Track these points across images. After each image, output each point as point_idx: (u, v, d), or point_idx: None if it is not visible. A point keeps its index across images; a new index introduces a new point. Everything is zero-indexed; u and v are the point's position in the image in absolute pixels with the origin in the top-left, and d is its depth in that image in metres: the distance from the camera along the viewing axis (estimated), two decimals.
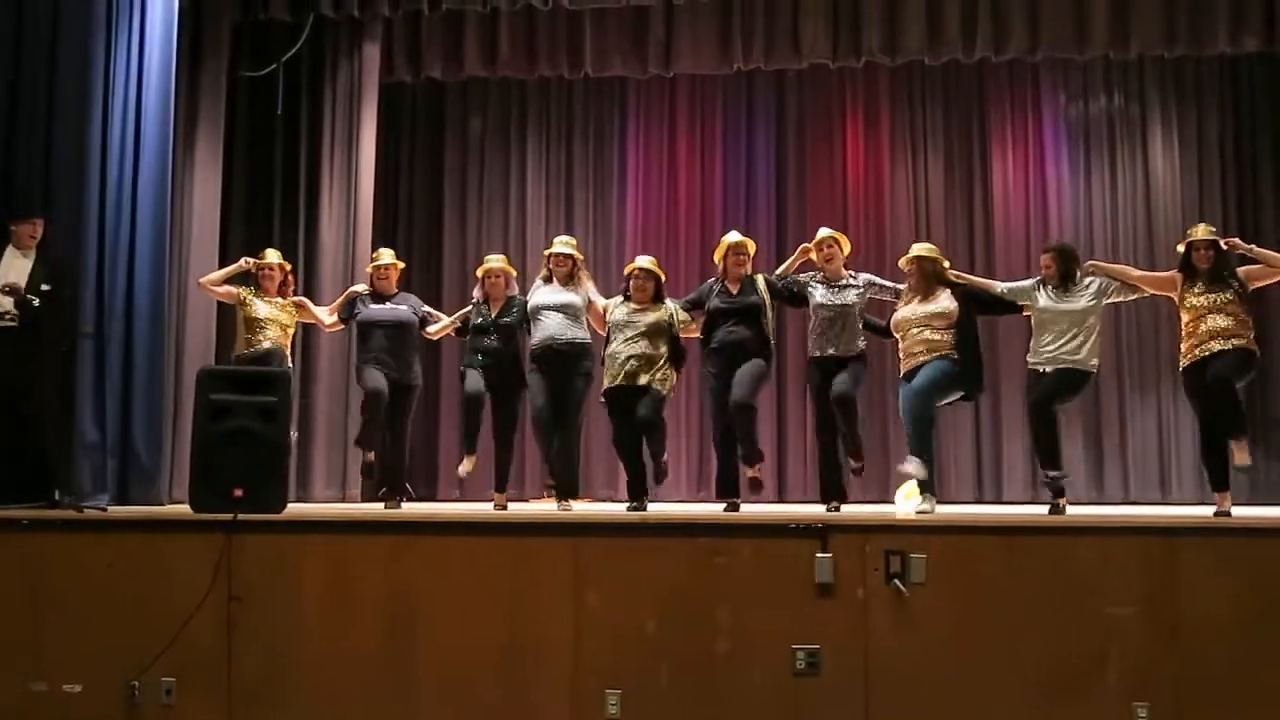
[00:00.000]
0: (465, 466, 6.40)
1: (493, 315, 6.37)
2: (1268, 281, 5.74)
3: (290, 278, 6.79)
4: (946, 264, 6.02)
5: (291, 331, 6.74)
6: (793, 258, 6.27)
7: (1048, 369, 5.71)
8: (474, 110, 9.76)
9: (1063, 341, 5.67)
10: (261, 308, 6.56)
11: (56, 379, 5.89)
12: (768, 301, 5.97)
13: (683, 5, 8.50)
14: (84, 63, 6.33)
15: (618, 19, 8.84)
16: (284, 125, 8.65)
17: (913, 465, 5.64)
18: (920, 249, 6.01)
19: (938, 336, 5.75)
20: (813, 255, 6.13)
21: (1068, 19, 8.48)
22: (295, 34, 8.47)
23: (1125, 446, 8.83)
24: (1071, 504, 5.81)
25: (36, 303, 5.63)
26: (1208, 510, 5.64)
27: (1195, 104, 9.12)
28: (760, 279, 6.06)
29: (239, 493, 4.89)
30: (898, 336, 5.93)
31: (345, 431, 8.07)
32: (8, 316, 5.61)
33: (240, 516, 4.78)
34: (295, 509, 5.48)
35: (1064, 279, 5.78)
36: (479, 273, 6.55)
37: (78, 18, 6.31)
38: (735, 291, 5.99)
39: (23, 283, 5.66)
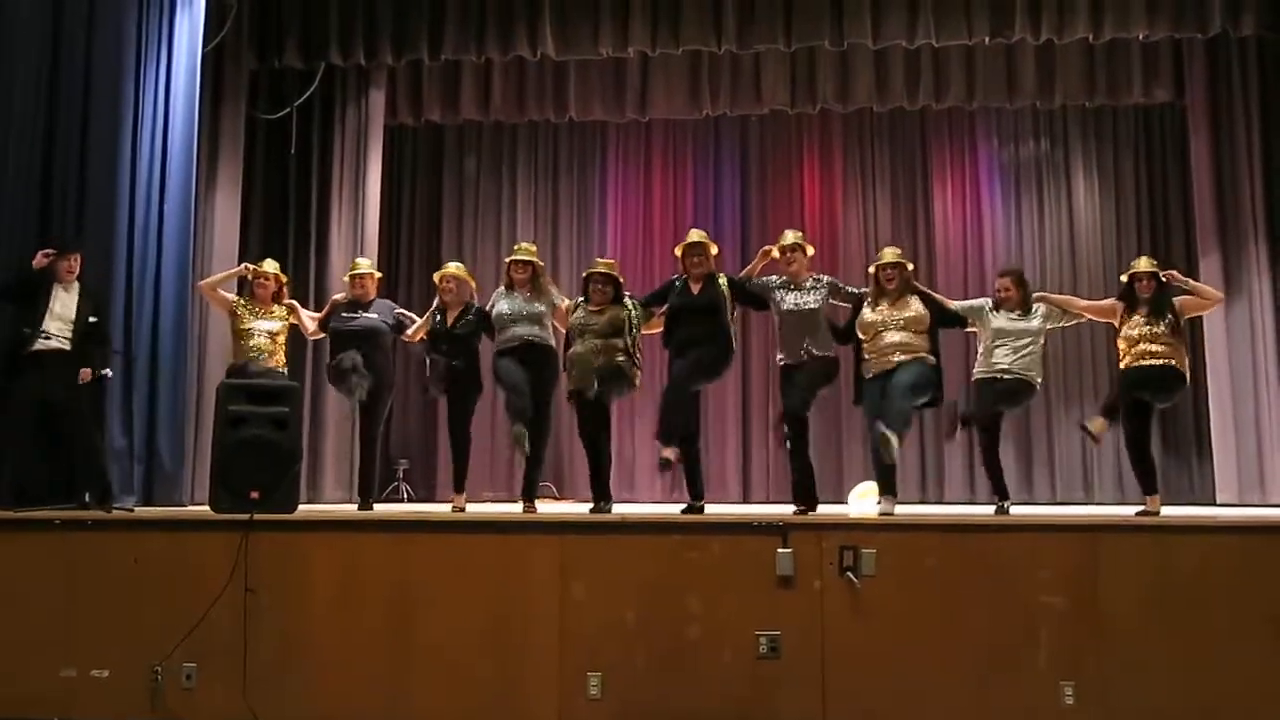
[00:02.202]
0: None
1: (448, 324, 5.88)
2: (1199, 312, 5.78)
3: (284, 289, 6.28)
4: (910, 266, 5.69)
5: (283, 339, 6.18)
6: (755, 260, 5.81)
7: (1001, 377, 5.54)
8: (469, 149, 9.77)
9: (1016, 357, 5.54)
10: (251, 319, 6.11)
11: (93, 399, 5.78)
12: (729, 299, 5.51)
13: (657, 58, 8.56)
14: (115, 104, 6.29)
15: (599, 69, 8.91)
16: (297, 163, 8.64)
17: (886, 503, 5.32)
18: (898, 255, 5.59)
19: (913, 340, 5.35)
20: (774, 254, 5.66)
21: (1000, 72, 8.66)
22: (307, 80, 8.48)
23: (1052, 453, 8.91)
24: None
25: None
26: (1126, 510, 5.69)
27: (1112, 147, 9.25)
28: (722, 278, 5.58)
29: (255, 494, 4.86)
30: (864, 338, 5.47)
31: (351, 437, 8.01)
32: (59, 339, 5.53)
33: (256, 516, 4.74)
34: (306, 510, 5.45)
35: (1023, 303, 5.64)
36: (435, 278, 6.10)
37: (109, 63, 6.28)
38: (697, 290, 5.54)
39: (72, 315, 5.57)
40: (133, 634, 4.67)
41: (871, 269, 5.64)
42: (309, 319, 6.35)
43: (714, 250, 5.65)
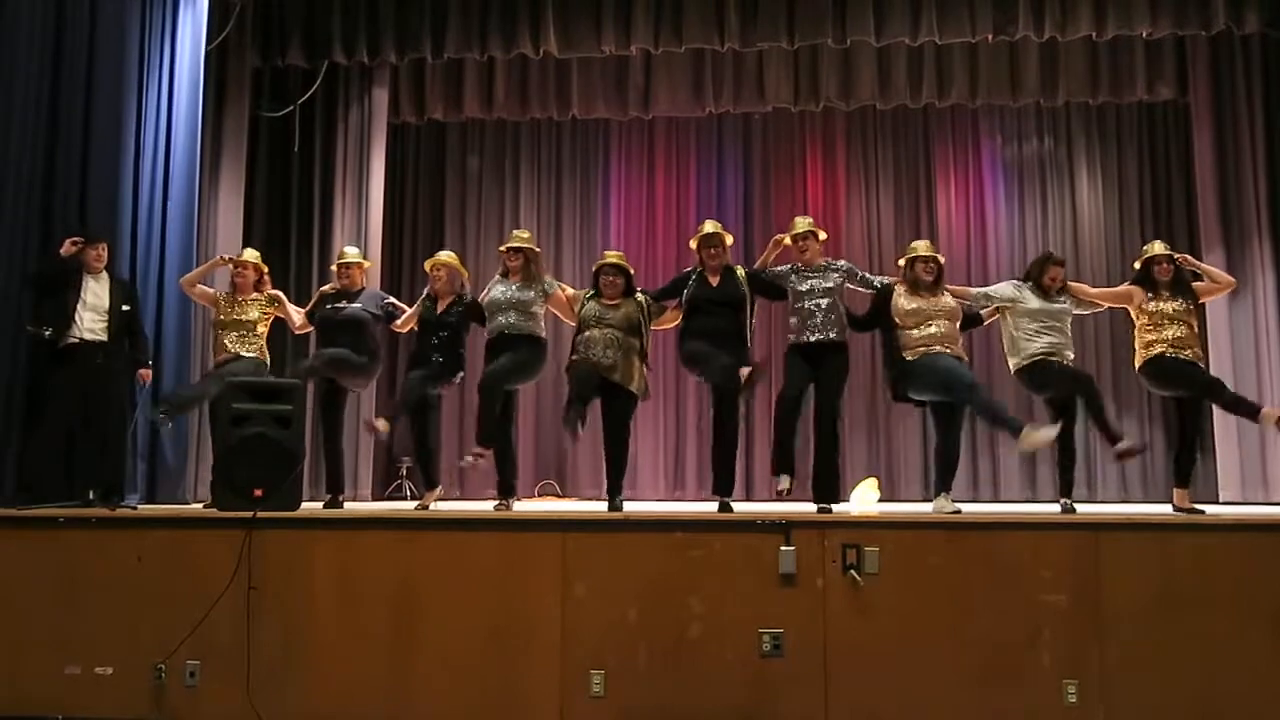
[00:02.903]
0: (381, 425, 5.71)
1: (437, 312, 5.82)
2: (1210, 297, 5.83)
3: (266, 278, 6.17)
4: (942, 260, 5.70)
5: (262, 330, 6.05)
6: (768, 249, 5.76)
7: (1058, 360, 5.45)
8: (473, 148, 9.76)
9: (1063, 339, 5.50)
10: (227, 312, 5.99)
11: (124, 393, 5.77)
12: (749, 294, 5.48)
13: (660, 55, 8.56)
14: (117, 102, 6.30)
15: (602, 67, 8.90)
16: (300, 161, 8.65)
17: (1042, 431, 5.16)
18: (931, 247, 5.61)
19: (953, 332, 5.38)
20: (787, 241, 5.61)
21: (1003, 70, 8.64)
22: (311, 79, 8.49)
23: (1056, 450, 8.85)
24: (1007, 502, 5.83)
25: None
26: (1129, 508, 5.67)
27: (1116, 145, 9.23)
28: (740, 270, 5.56)
29: (258, 492, 4.86)
30: (905, 325, 5.36)
31: (355, 434, 8.01)
32: (95, 329, 5.57)
33: (259, 514, 4.74)
34: (309, 507, 5.44)
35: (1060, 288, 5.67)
36: (426, 265, 6.05)
37: (112, 61, 6.28)
38: (716, 283, 5.50)
39: (105, 305, 5.62)
40: (136, 632, 4.67)
41: (903, 261, 5.59)
42: (296, 312, 6.23)
43: (729, 240, 5.61)
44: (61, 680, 4.67)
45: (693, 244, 5.67)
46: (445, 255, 6.07)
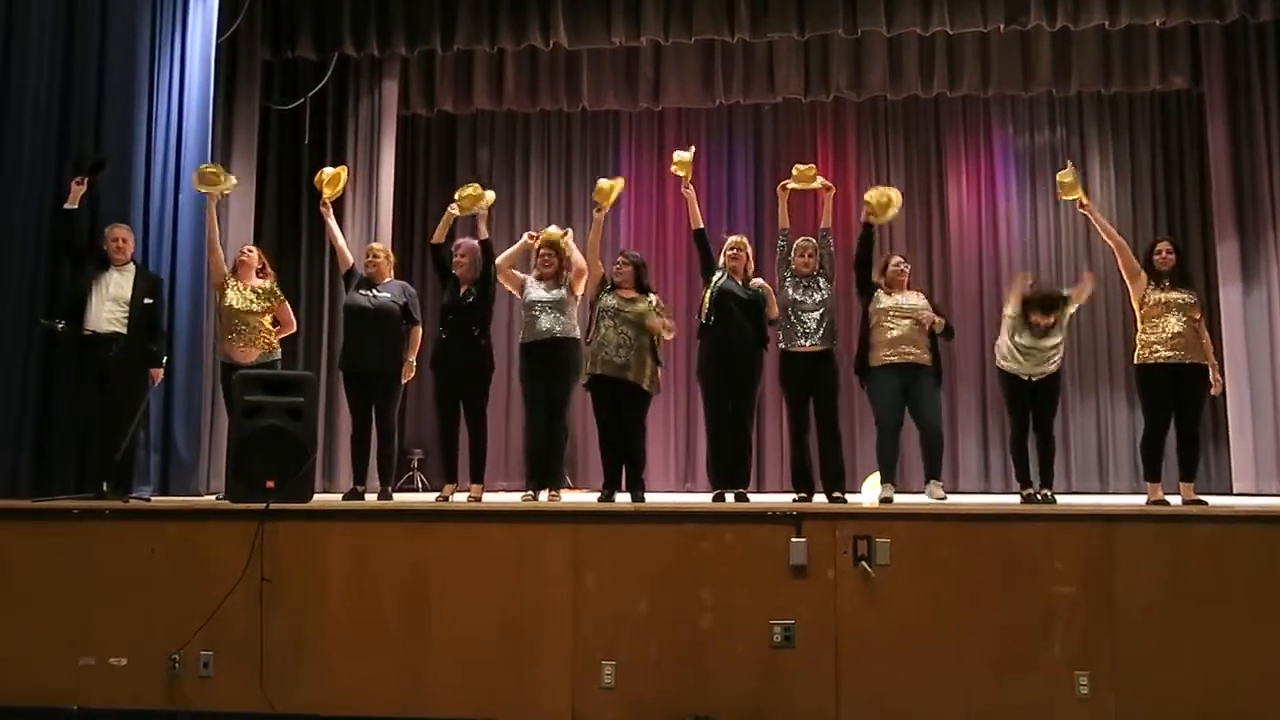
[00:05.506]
0: (448, 491, 5.86)
1: (459, 292, 5.88)
2: (1119, 257, 5.73)
3: (269, 266, 6.20)
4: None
5: (267, 321, 6.03)
6: (781, 203, 6.21)
7: (1034, 377, 5.59)
8: (483, 140, 9.74)
9: (1049, 349, 5.60)
10: (232, 294, 5.96)
11: (138, 387, 5.74)
12: (767, 300, 5.75)
13: (670, 46, 8.53)
14: (129, 96, 6.31)
15: (612, 58, 8.88)
16: (311, 153, 8.64)
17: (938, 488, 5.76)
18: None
19: (921, 334, 5.65)
20: (792, 186, 6.15)
21: (1014, 60, 8.59)
22: (321, 71, 8.49)
23: (1068, 441, 8.84)
24: (1017, 493, 5.83)
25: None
26: (1142, 499, 5.65)
27: (1129, 135, 9.16)
28: (760, 284, 5.79)
29: (270, 484, 4.89)
30: (879, 317, 5.71)
31: None
32: (115, 322, 5.59)
33: (271, 506, 4.77)
34: (321, 499, 5.47)
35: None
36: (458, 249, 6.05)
37: (123, 55, 6.29)
38: (743, 281, 5.74)
39: (127, 295, 5.63)
40: (150, 623, 4.71)
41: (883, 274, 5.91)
42: (289, 320, 6.28)
43: (747, 250, 5.92)
44: (76, 671, 4.71)
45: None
46: (472, 241, 6.08)
